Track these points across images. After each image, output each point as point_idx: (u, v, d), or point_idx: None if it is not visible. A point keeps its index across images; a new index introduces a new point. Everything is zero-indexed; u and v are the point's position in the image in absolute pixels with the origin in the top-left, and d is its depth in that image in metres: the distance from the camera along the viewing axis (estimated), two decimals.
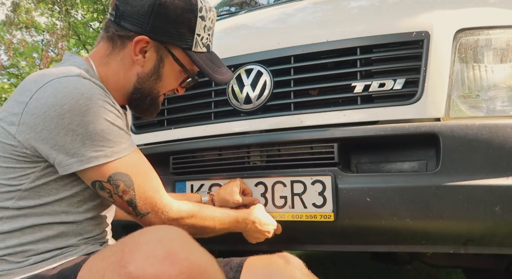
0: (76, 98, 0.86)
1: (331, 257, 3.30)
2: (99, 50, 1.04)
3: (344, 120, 1.31)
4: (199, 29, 1.02)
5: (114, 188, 0.92)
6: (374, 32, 1.32)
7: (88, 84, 0.90)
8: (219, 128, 1.48)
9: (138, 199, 0.94)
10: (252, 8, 2.27)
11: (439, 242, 1.23)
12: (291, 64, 1.41)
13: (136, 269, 0.63)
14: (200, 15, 1.01)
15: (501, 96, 1.22)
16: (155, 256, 0.64)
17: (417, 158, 1.27)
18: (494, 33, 1.25)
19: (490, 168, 1.14)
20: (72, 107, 0.85)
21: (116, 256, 0.67)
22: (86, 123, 0.86)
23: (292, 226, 1.31)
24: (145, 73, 1.02)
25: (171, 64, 1.03)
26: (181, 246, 0.67)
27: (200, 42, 1.04)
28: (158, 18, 0.97)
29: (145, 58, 1.00)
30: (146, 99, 1.06)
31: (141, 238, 0.68)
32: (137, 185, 0.94)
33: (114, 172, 0.91)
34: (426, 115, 1.23)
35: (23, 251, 0.89)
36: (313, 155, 1.33)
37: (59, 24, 11.09)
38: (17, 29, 11.13)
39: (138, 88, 1.03)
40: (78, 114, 0.86)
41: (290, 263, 0.99)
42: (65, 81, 0.88)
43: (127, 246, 0.67)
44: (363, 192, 1.22)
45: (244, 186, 1.34)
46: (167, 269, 0.63)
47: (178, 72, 1.06)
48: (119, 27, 0.99)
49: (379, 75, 1.30)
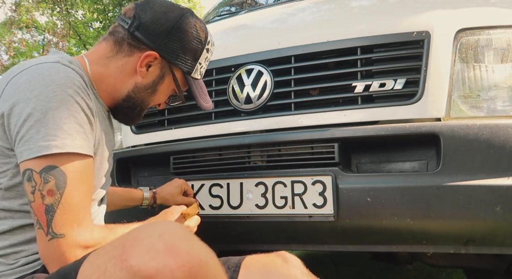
0: (47, 84, 0.84)
1: (332, 257, 3.30)
2: (98, 50, 1.04)
3: (345, 120, 1.31)
4: (202, 59, 1.10)
5: (42, 183, 0.81)
6: (375, 32, 1.32)
7: (63, 71, 0.88)
8: (220, 128, 1.48)
9: (61, 208, 0.81)
10: (252, 8, 2.27)
11: (440, 242, 1.23)
12: (291, 64, 1.41)
13: (137, 262, 0.63)
14: (206, 48, 1.09)
15: (501, 96, 1.22)
16: (156, 249, 0.65)
17: (417, 158, 1.27)
18: (494, 33, 1.25)
19: (491, 168, 1.13)
20: (40, 92, 0.83)
21: (117, 250, 0.67)
22: (48, 109, 0.82)
23: (292, 226, 1.31)
24: (143, 85, 1.04)
25: (169, 82, 1.08)
26: (182, 240, 0.67)
27: (199, 70, 1.11)
28: (174, 40, 1.03)
29: (147, 72, 1.03)
30: (136, 109, 1.08)
31: (141, 233, 0.69)
32: (68, 190, 0.82)
33: (51, 164, 0.81)
34: (426, 115, 1.23)
35: (15, 252, 0.88)
36: (314, 155, 1.33)
37: (60, 23, 11.10)
38: (18, 28, 11.14)
39: (131, 97, 1.05)
40: (44, 100, 0.83)
41: (288, 262, 0.98)
42: (41, 68, 0.88)
43: (128, 241, 0.67)
44: (364, 192, 1.22)
45: (186, 187, 1.40)
46: (168, 262, 0.63)
47: (171, 90, 1.11)
48: (132, 36, 1.01)
49: (380, 75, 1.30)
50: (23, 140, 0.82)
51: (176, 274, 0.63)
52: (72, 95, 0.85)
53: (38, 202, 0.81)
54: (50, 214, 0.81)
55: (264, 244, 1.34)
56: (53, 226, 0.81)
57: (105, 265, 0.66)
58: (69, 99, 0.85)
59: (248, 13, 2.08)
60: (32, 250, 0.89)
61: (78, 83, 0.88)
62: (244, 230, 1.40)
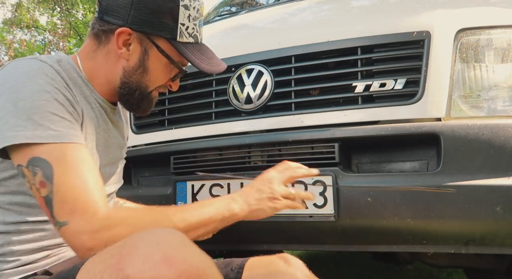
0: (19, 76, 0.84)
1: (332, 257, 3.30)
2: (85, 47, 1.03)
3: (345, 120, 1.31)
4: (183, 18, 0.98)
5: (32, 176, 0.80)
6: (375, 32, 1.32)
7: (38, 65, 0.87)
8: (220, 128, 1.48)
9: (56, 197, 0.80)
10: (252, 8, 2.27)
11: (440, 242, 1.22)
12: (292, 64, 1.41)
13: (133, 272, 0.63)
14: (182, 4, 0.98)
15: (502, 96, 1.22)
16: (152, 259, 0.64)
17: (418, 158, 1.27)
18: (495, 33, 1.25)
19: (491, 168, 1.13)
20: (11, 85, 0.83)
21: (113, 259, 0.66)
22: (17, 100, 0.82)
23: (293, 226, 1.31)
24: (130, 67, 0.99)
25: (157, 56, 0.99)
26: (179, 248, 0.67)
27: (186, 32, 0.99)
28: (139, 9, 0.95)
29: (129, 52, 0.97)
30: (135, 93, 1.01)
31: (138, 241, 0.68)
32: (58, 178, 0.80)
33: (34, 156, 0.80)
34: (427, 115, 1.23)
35: (11, 252, 0.87)
36: (314, 155, 1.33)
37: (60, 23, 11.11)
38: (18, 28, 11.14)
39: (125, 83, 1.00)
40: (15, 91, 0.83)
41: (291, 264, 0.98)
42: (17, 63, 0.88)
43: (125, 249, 0.67)
44: (364, 192, 1.22)
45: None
46: (165, 272, 0.63)
47: (165, 65, 1.01)
48: (102, 22, 0.98)
49: (380, 75, 1.30)
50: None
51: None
52: (42, 85, 0.84)
53: (37, 195, 0.82)
54: (50, 205, 0.80)
55: (265, 244, 1.33)
56: (55, 216, 0.80)
57: (101, 273, 0.66)
58: (40, 89, 0.83)
59: (249, 13, 2.08)
60: (29, 249, 0.88)
61: (52, 75, 0.86)
62: (245, 230, 1.40)
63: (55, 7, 10.73)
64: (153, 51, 0.98)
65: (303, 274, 0.97)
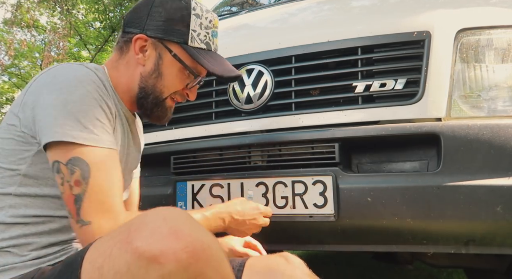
0: (70, 79, 0.90)
1: (332, 257, 3.30)
2: (111, 58, 1.11)
3: (345, 120, 1.31)
4: (194, 25, 1.05)
5: (69, 174, 0.86)
6: (375, 32, 1.32)
7: (85, 71, 0.93)
8: (220, 128, 1.48)
9: (87, 197, 0.86)
10: (253, 8, 2.27)
11: (440, 242, 1.22)
12: (292, 64, 1.41)
13: (142, 244, 0.66)
14: (194, 13, 1.05)
15: (502, 96, 1.22)
16: (160, 232, 0.67)
17: (418, 158, 1.27)
18: (495, 33, 1.25)
19: (491, 168, 1.13)
20: (62, 86, 0.89)
21: (122, 234, 0.69)
22: (67, 101, 0.87)
23: (293, 226, 1.31)
24: (147, 72, 1.05)
25: (171, 61, 1.05)
26: (185, 224, 0.70)
27: (197, 38, 1.06)
28: (154, 17, 1.04)
29: (145, 57, 1.05)
30: (149, 97, 1.06)
31: (146, 218, 0.71)
32: (93, 180, 0.86)
33: (75, 155, 0.86)
34: (427, 115, 1.23)
35: (27, 243, 0.90)
36: (314, 155, 1.33)
37: (60, 23, 11.11)
38: (19, 28, 11.15)
39: (142, 88, 1.06)
40: (65, 92, 0.88)
41: (291, 263, 0.99)
42: (67, 66, 0.95)
43: (133, 225, 0.70)
44: (364, 192, 1.22)
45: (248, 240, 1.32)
46: (172, 244, 0.66)
47: (179, 70, 1.06)
48: (124, 34, 1.07)
49: (380, 75, 1.30)
50: (43, 127, 0.87)
51: (180, 255, 0.66)
52: (91, 91, 0.90)
53: (67, 192, 0.86)
54: (78, 203, 0.86)
55: (265, 244, 1.33)
56: (81, 214, 0.86)
57: (110, 249, 0.69)
58: (88, 95, 0.90)
59: (249, 13, 2.08)
60: (42, 243, 0.91)
61: (98, 83, 0.93)
62: None
63: (55, 7, 10.73)
64: (166, 56, 1.04)
65: (303, 272, 0.97)
